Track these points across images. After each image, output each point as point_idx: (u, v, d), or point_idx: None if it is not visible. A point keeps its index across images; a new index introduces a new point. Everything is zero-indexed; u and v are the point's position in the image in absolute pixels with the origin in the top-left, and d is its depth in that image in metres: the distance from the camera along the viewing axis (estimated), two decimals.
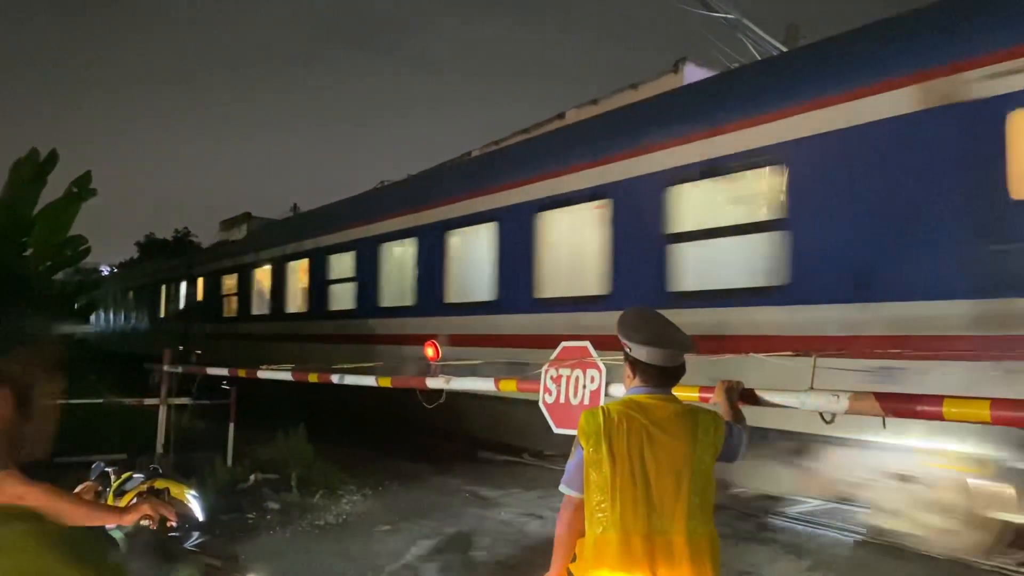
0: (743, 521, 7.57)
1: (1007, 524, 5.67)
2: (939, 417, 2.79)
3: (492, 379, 4.57)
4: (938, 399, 2.77)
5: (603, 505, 2.48)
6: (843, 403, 3.02)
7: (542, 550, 2.81)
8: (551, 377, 3.93)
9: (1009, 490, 5.39)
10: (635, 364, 2.68)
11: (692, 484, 2.49)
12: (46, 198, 12.32)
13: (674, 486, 2.48)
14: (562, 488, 2.68)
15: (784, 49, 10.14)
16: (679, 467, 2.49)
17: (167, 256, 34.69)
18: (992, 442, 5.12)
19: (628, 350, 2.68)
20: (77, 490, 2.51)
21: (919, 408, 2.89)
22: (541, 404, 3.96)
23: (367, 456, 10.83)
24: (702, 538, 2.48)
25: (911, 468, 5.81)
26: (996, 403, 2.66)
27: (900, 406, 2.93)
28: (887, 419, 2.97)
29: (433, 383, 4.90)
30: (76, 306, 14.25)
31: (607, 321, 2.94)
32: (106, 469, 2.62)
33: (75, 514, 2.40)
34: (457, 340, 9.44)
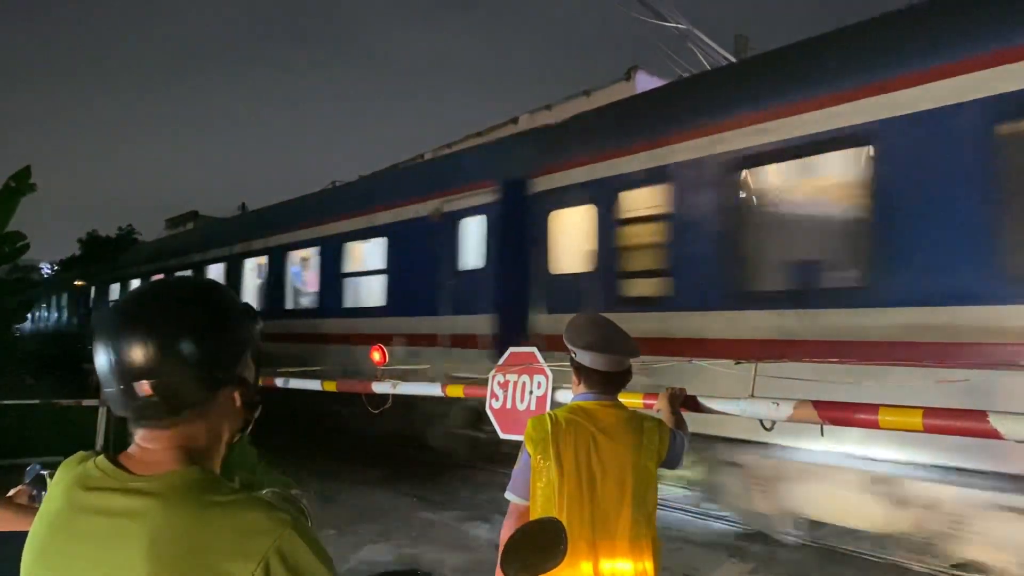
0: (687, 524, 7.66)
1: None
2: (875, 425, 2.87)
3: (439, 384, 4.57)
4: (874, 408, 2.85)
5: (550, 513, 2.46)
6: (783, 411, 3.08)
7: (489, 554, 2.83)
8: (498, 382, 3.93)
9: None
10: (580, 370, 2.68)
11: (635, 490, 2.51)
12: None
13: (618, 492, 2.50)
14: (507, 495, 2.67)
15: (733, 59, 10.31)
16: (624, 473, 2.51)
17: (110, 254, 33.94)
18: None
19: (573, 355, 2.69)
20: (10, 494, 2.43)
21: (856, 416, 2.97)
22: (488, 409, 3.96)
23: (314, 460, 10.71)
24: (644, 542, 2.50)
25: None
26: (928, 412, 2.75)
27: (838, 414, 3.00)
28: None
29: (379, 388, 4.87)
30: (12, 305, 13.82)
31: None
32: (42, 472, 2.53)
33: (7, 519, 2.33)
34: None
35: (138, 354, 1.25)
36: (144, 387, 1.25)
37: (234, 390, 1.36)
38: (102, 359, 1.27)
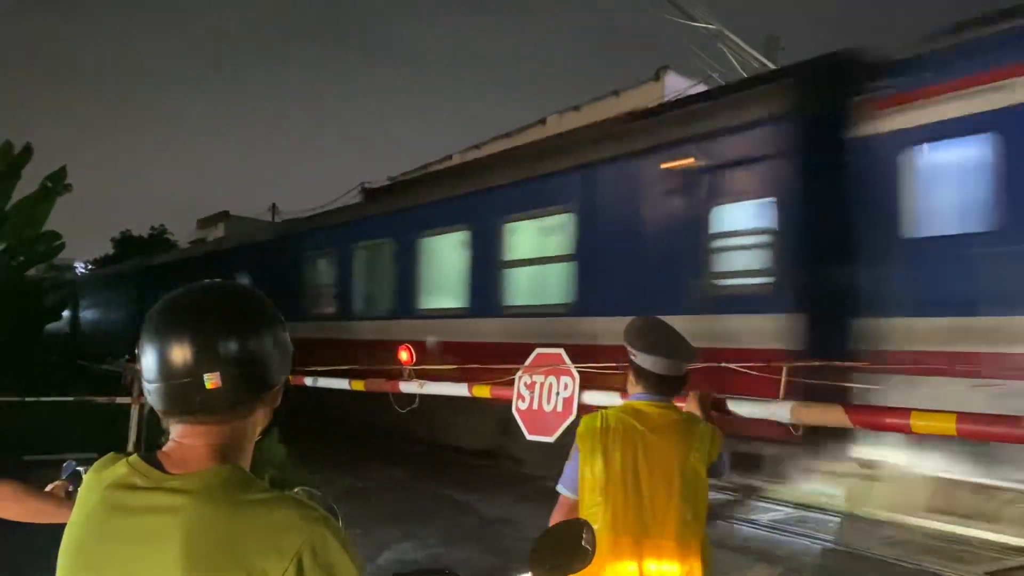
0: (715, 528, 7.62)
1: None
2: (906, 430, 2.83)
3: (465, 384, 4.57)
4: (905, 412, 2.81)
5: (595, 508, 2.53)
6: (812, 414, 3.05)
7: (517, 554, 2.84)
8: (524, 384, 3.93)
9: None
10: (638, 371, 2.72)
11: (683, 491, 2.53)
12: (20, 193, 12.18)
13: (666, 491, 2.52)
14: (558, 488, 2.74)
15: (764, 60, 10.22)
16: (672, 473, 2.53)
17: (144, 253, 34.53)
18: None
19: (632, 357, 2.72)
20: (48, 488, 2.49)
21: (887, 420, 2.94)
22: (514, 411, 3.96)
23: (342, 459, 10.79)
24: (692, 543, 2.52)
25: None
26: (962, 416, 2.71)
27: (868, 418, 2.97)
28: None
29: (406, 387, 4.89)
30: (48, 303, 14.06)
31: None
32: (78, 468, 2.59)
33: (45, 512, 2.38)
34: None
35: (215, 345, 1.28)
36: (214, 379, 1.27)
37: (279, 391, 1.41)
38: (166, 351, 1.28)
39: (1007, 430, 2.60)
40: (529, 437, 3.86)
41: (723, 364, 3.94)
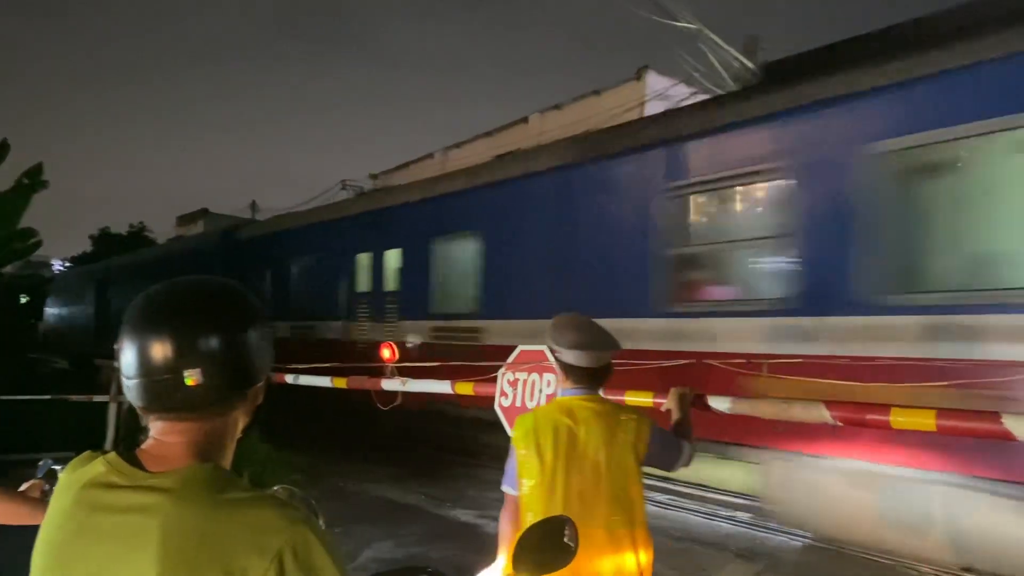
0: (695, 525, 7.65)
1: None
2: (886, 426, 2.86)
3: (448, 382, 4.57)
4: (885, 408, 2.84)
5: (531, 504, 2.63)
6: (794, 411, 3.07)
7: (497, 553, 2.85)
8: (508, 381, 3.94)
9: None
10: (566, 368, 2.80)
11: (611, 481, 2.60)
12: None
13: (594, 483, 2.60)
14: (503, 487, 2.83)
15: (744, 60, 10.27)
16: (599, 466, 2.61)
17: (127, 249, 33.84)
18: None
19: (558, 355, 2.81)
20: (23, 488, 2.45)
21: (868, 417, 2.96)
22: (497, 407, 3.97)
23: (323, 457, 10.75)
24: (623, 533, 2.57)
25: None
26: (942, 413, 2.73)
27: (849, 415, 2.99)
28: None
29: (389, 385, 4.87)
30: (24, 300, 13.89)
31: None
32: (54, 467, 2.56)
33: (20, 513, 2.34)
34: None
35: (196, 342, 1.27)
36: (195, 375, 1.26)
37: (261, 388, 1.40)
38: (147, 346, 1.26)
39: (986, 426, 2.63)
40: (512, 434, 3.86)
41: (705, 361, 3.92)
